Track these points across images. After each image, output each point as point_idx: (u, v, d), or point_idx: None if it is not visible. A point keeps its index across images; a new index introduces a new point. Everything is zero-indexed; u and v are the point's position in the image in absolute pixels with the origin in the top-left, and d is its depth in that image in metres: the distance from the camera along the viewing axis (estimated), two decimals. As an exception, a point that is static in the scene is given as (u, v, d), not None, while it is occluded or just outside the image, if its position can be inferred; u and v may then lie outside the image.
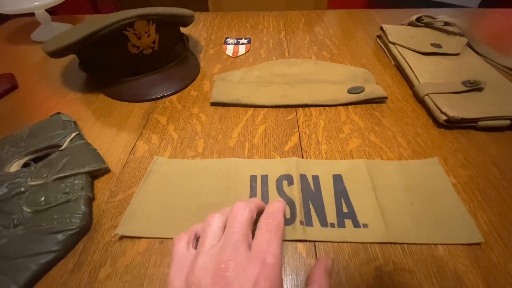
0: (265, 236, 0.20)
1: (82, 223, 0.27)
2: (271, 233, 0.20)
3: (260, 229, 0.21)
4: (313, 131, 0.38)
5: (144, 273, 0.25)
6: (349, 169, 0.32)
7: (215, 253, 0.19)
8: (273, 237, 0.20)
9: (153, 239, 0.27)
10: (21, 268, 0.24)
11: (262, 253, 0.19)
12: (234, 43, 0.59)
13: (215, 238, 0.21)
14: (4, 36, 0.67)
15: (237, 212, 0.22)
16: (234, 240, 0.19)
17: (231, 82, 0.46)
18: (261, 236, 0.20)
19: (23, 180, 0.31)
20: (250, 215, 0.22)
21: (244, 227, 0.20)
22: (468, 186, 0.30)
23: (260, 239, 0.20)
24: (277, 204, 0.23)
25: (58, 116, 0.39)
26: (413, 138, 0.36)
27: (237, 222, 0.21)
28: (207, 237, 0.21)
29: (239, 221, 0.21)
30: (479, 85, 0.39)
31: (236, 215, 0.21)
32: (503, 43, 0.56)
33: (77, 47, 0.40)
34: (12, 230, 0.27)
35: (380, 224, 0.27)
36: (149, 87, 0.45)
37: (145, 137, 0.38)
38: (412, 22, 0.57)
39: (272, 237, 0.20)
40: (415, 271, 0.24)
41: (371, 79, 0.46)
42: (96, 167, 0.32)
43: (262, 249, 0.19)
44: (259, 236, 0.20)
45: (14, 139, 0.36)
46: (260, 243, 0.19)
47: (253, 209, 0.23)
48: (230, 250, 0.19)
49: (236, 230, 0.20)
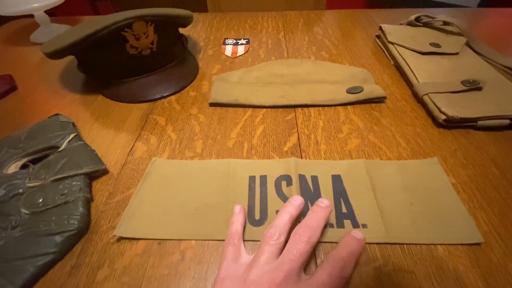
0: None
1: (80, 224, 0.27)
2: (333, 282, 0.20)
3: (328, 268, 0.21)
4: (312, 131, 0.38)
5: (142, 274, 0.25)
6: (348, 169, 0.32)
7: (268, 272, 0.20)
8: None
9: (152, 240, 0.27)
10: (19, 270, 0.24)
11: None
12: (233, 44, 0.59)
13: (271, 257, 0.21)
14: (3, 38, 0.67)
15: (300, 240, 0.22)
16: (290, 267, 0.20)
17: (230, 82, 0.46)
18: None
19: (21, 182, 0.30)
20: (310, 248, 0.22)
21: (302, 258, 0.21)
22: (467, 186, 0.30)
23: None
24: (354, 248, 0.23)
25: (56, 117, 0.39)
26: (412, 138, 0.36)
27: (297, 251, 0.21)
28: (263, 254, 0.22)
29: (299, 251, 0.21)
30: (478, 85, 0.39)
31: (298, 243, 0.22)
32: (502, 42, 0.56)
33: (76, 48, 0.40)
34: (10, 232, 0.27)
35: (379, 224, 0.27)
36: (148, 88, 0.45)
37: (143, 138, 0.38)
38: (411, 22, 0.57)
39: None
40: (414, 271, 0.24)
41: (370, 79, 0.46)
42: (94, 168, 0.32)
43: None
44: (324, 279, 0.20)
45: (12, 140, 0.36)
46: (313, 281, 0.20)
47: (315, 240, 0.23)
48: (284, 275, 0.20)
49: (294, 258, 0.21)
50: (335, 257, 0.22)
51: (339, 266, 0.21)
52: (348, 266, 0.22)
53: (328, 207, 0.25)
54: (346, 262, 0.21)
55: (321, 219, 0.24)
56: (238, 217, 0.26)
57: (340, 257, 0.22)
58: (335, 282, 0.20)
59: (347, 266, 0.21)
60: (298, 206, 0.25)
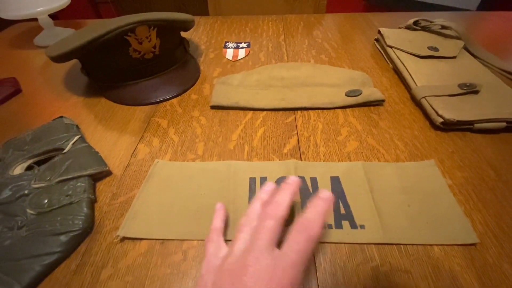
0: (293, 248, 0.20)
1: (84, 224, 0.28)
2: (299, 248, 0.20)
3: (289, 240, 0.20)
4: (311, 133, 0.38)
5: (145, 274, 0.25)
6: (346, 171, 0.33)
7: (240, 257, 0.20)
8: (301, 250, 0.20)
9: (154, 240, 0.27)
10: (25, 269, 0.25)
11: (283, 266, 0.19)
12: (234, 47, 0.60)
13: (244, 243, 0.22)
14: (7, 41, 0.68)
15: (266, 218, 0.22)
16: (258, 246, 0.20)
17: (231, 85, 0.47)
18: (289, 246, 0.20)
19: (26, 183, 0.31)
20: (276, 222, 0.22)
21: (269, 235, 0.21)
22: (464, 188, 0.31)
23: (287, 249, 0.20)
24: (317, 209, 0.22)
25: (60, 119, 0.40)
26: (410, 140, 0.37)
27: (263, 229, 0.21)
28: (237, 242, 0.22)
29: (265, 229, 0.21)
30: (475, 88, 0.40)
31: (264, 222, 0.22)
32: (500, 45, 0.57)
33: (80, 52, 0.41)
34: (16, 231, 0.28)
35: (377, 225, 0.27)
36: (150, 91, 0.46)
37: (146, 140, 0.39)
38: (410, 25, 0.57)
39: (300, 251, 0.20)
40: (411, 271, 0.24)
41: (369, 82, 0.47)
42: (98, 169, 0.32)
43: (284, 262, 0.19)
44: (287, 247, 0.20)
45: (18, 142, 0.37)
46: (284, 255, 0.20)
47: (282, 215, 0.22)
48: (253, 257, 0.20)
49: (261, 236, 0.21)
50: (300, 220, 0.21)
51: (303, 228, 0.21)
52: (315, 225, 0.21)
53: (328, 199, 0.23)
54: (311, 221, 0.21)
55: (320, 213, 0.22)
56: (218, 214, 0.27)
57: (305, 219, 0.21)
58: (304, 245, 0.20)
59: (314, 225, 0.21)
60: (269, 191, 0.26)
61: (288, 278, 0.18)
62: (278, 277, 0.18)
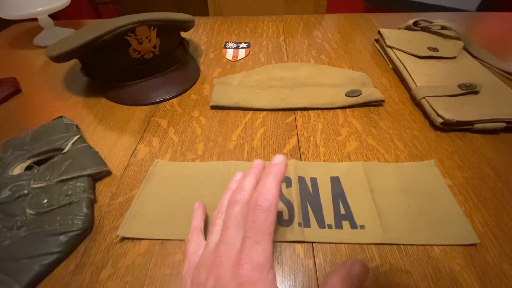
0: (251, 227, 0.18)
1: (84, 225, 0.28)
2: (257, 226, 0.18)
3: (248, 221, 0.19)
4: (311, 133, 0.38)
5: (145, 274, 0.25)
6: (346, 171, 0.32)
7: (213, 250, 0.20)
8: (260, 226, 0.18)
9: (154, 240, 0.27)
10: (24, 269, 0.25)
11: (248, 248, 0.18)
12: (233, 47, 0.60)
13: (216, 235, 0.21)
14: (7, 41, 0.68)
15: (232, 205, 0.21)
16: (227, 236, 0.20)
17: (231, 85, 0.47)
18: (249, 228, 0.19)
19: (26, 183, 0.31)
20: (242, 209, 0.21)
21: (236, 221, 0.20)
22: (464, 188, 0.31)
23: (247, 230, 0.19)
24: (270, 179, 0.20)
25: (60, 119, 0.40)
26: (410, 140, 0.37)
27: (229, 217, 0.21)
28: (211, 236, 0.22)
29: (232, 216, 0.20)
30: (475, 88, 0.40)
31: (232, 209, 0.21)
32: (500, 46, 0.57)
33: (80, 52, 0.41)
34: (16, 231, 0.27)
35: (377, 225, 0.27)
36: (150, 91, 0.46)
37: (146, 140, 0.39)
38: (409, 26, 0.58)
39: (258, 228, 0.18)
40: (411, 271, 0.24)
41: (369, 82, 0.47)
42: (97, 169, 0.32)
43: (248, 244, 0.18)
44: (247, 228, 0.19)
45: (17, 142, 0.37)
46: (247, 239, 0.18)
47: (246, 199, 0.21)
48: (223, 247, 0.19)
49: (229, 225, 0.20)
50: (254, 197, 0.20)
51: (257, 197, 0.19)
52: (269, 195, 0.19)
53: (279, 164, 0.21)
54: (264, 194, 0.19)
55: (273, 181, 0.20)
56: (197, 213, 0.27)
57: (258, 193, 0.20)
58: (262, 220, 0.18)
59: (268, 196, 0.19)
60: (238, 180, 0.26)
61: (256, 258, 0.17)
62: (244, 261, 0.17)
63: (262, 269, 0.17)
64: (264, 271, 0.17)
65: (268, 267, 0.17)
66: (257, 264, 0.17)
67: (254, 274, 0.17)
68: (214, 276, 0.18)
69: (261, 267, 0.17)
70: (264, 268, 0.17)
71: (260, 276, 0.17)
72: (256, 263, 0.17)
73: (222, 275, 0.18)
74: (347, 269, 0.20)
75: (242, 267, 0.17)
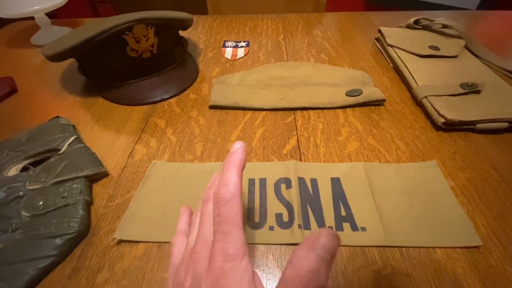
0: (216, 221, 0.18)
1: (80, 227, 0.27)
2: (220, 218, 0.18)
3: (214, 217, 0.18)
4: (311, 134, 0.38)
5: (142, 277, 0.25)
6: (347, 172, 0.32)
7: (191, 248, 0.20)
8: (224, 218, 0.18)
9: (151, 243, 0.27)
10: (19, 273, 0.24)
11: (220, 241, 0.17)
12: (233, 46, 0.59)
13: (195, 234, 0.21)
14: (3, 40, 0.67)
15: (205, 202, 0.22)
16: (203, 234, 0.20)
17: (230, 85, 0.46)
18: (215, 223, 0.18)
19: (21, 185, 0.31)
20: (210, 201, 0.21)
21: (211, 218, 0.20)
22: (466, 189, 0.30)
23: (214, 226, 0.18)
24: (228, 168, 0.19)
25: (57, 119, 0.40)
26: (411, 140, 0.36)
27: (203, 215, 0.21)
28: (189, 236, 0.22)
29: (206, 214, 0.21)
30: (477, 88, 0.39)
31: (205, 206, 0.22)
32: (501, 45, 0.57)
33: (77, 51, 0.41)
34: (10, 234, 0.27)
35: (378, 228, 0.27)
36: (148, 91, 0.45)
37: (143, 140, 0.38)
38: (410, 24, 0.57)
39: (222, 220, 0.18)
40: (413, 274, 0.24)
41: (370, 81, 0.46)
42: (94, 171, 0.32)
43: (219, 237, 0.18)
44: (214, 224, 0.18)
45: (13, 143, 0.36)
46: (215, 233, 0.18)
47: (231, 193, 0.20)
48: (199, 244, 0.19)
49: (204, 222, 0.21)
50: (214, 192, 0.19)
51: (215, 199, 0.19)
52: (230, 181, 0.18)
53: (237, 150, 0.20)
54: (223, 185, 0.18)
55: (231, 171, 0.19)
56: (182, 216, 0.27)
57: (217, 186, 0.19)
58: (223, 212, 0.18)
59: (229, 182, 0.18)
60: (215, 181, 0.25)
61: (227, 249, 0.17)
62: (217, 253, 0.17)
63: (234, 259, 0.17)
64: (237, 260, 0.17)
65: (240, 255, 0.17)
66: (229, 255, 0.17)
67: (227, 264, 0.17)
68: (192, 273, 0.18)
69: (234, 257, 0.17)
70: (236, 257, 0.17)
71: (233, 265, 0.17)
72: (227, 253, 0.17)
73: (199, 271, 0.18)
74: (313, 241, 0.18)
75: (215, 260, 0.17)
